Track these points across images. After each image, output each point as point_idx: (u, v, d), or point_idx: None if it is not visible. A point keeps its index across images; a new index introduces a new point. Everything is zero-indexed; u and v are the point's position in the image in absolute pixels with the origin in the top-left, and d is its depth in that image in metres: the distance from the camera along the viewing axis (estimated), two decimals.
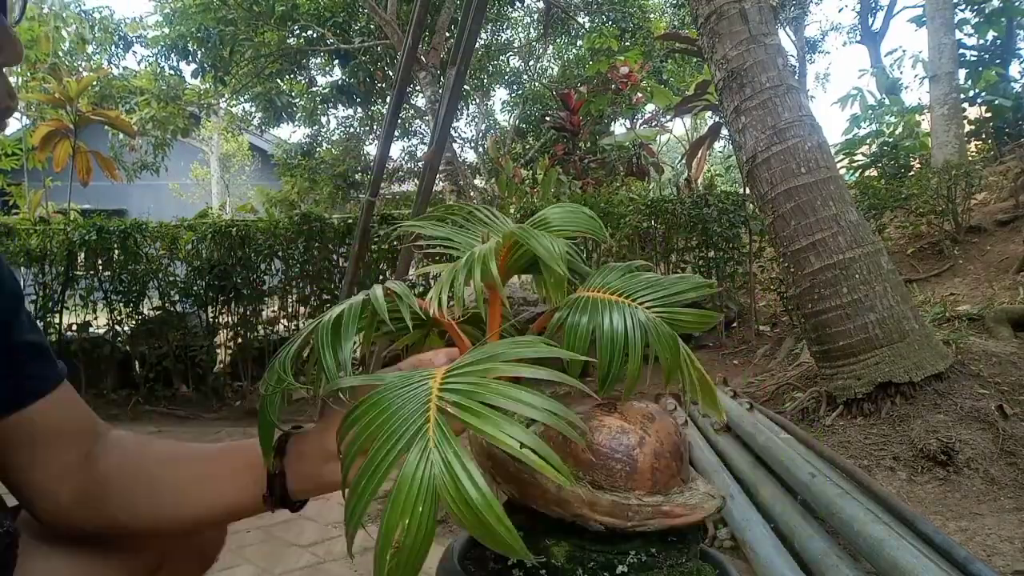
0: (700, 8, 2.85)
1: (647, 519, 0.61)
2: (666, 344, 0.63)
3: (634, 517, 0.61)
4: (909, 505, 1.78)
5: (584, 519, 0.61)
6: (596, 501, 0.61)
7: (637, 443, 0.64)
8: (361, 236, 3.61)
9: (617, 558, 0.62)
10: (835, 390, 2.61)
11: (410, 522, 0.48)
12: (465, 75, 2.83)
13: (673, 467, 0.65)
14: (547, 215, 0.75)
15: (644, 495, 0.63)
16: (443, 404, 0.53)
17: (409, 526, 0.48)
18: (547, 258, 0.61)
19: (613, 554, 0.62)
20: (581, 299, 0.66)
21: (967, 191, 5.16)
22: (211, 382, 4.52)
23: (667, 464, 0.64)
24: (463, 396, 0.54)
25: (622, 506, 0.61)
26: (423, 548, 0.49)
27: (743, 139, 2.77)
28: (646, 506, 0.62)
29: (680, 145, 9.59)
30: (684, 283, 0.67)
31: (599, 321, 0.63)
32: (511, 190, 7.71)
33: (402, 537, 0.48)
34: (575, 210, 0.76)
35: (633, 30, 10.76)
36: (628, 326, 0.62)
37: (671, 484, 0.65)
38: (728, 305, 5.19)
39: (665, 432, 0.66)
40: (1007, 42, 8.78)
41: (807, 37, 16.38)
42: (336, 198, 12.36)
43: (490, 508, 0.48)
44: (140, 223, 4.42)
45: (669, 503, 0.63)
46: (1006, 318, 3.16)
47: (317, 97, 11.92)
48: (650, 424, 0.66)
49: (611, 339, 0.62)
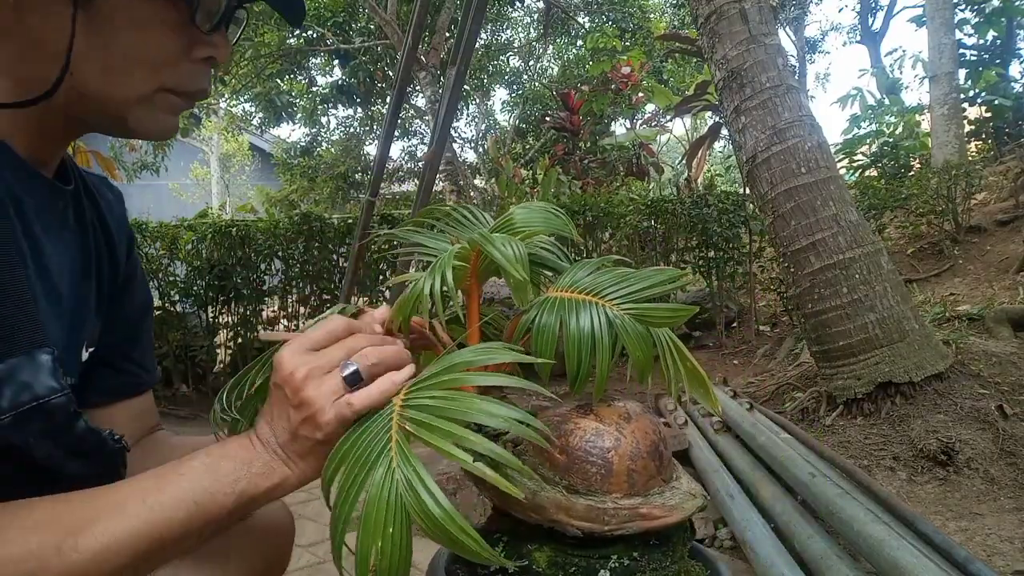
0: (700, 8, 2.85)
1: (625, 522, 0.60)
2: (636, 342, 0.61)
3: (611, 521, 0.60)
4: (909, 505, 1.78)
5: (561, 524, 0.60)
6: (571, 506, 0.60)
7: (612, 445, 0.62)
8: (361, 236, 3.61)
9: (599, 562, 0.61)
10: (835, 390, 2.61)
11: (383, 544, 0.49)
12: (465, 75, 2.83)
13: (651, 467, 0.63)
14: (512, 216, 0.73)
15: (621, 497, 0.61)
16: (403, 423, 0.54)
17: (383, 548, 0.49)
18: (503, 262, 0.60)
19: (595, 559, 0.61)
20: (548, 300, 0.64)
21: (967, 191, 5.16)
22: (211, 382, 4.52)
23: (644, 465, 0.63)
24: (424, 412, 0.54)
25: (597, 510, 0.60)
26: (401, 569, 0.49)
27: (743, 139, 2.77)
28: (623, 509, 0.60)
29: (680, 145, 9.60)
30: (655, 276, 0.65)
31: (566, 321, 0.61)
32: (511, 190, 7.71)
33: (378, 560, 0.49)
34: (541, 209, 0.75)
35: (633, 30, 10.76)
36: (595, 325, 0.61)
37: (650, 485, 0.63)
38: (728, 305, 5.19)
39: (642, 432, 0.64)
40: (1007, 42, 8.78)
41: (807, 37, 16.39)
42: (336, 198, 12.36)
43: (452, 521, 0.49)
44: (140, 223, 4.41)
45: (647, 504, 0.61)
46: (1006, 318, 3.16)
47: (317, 97, 11.92)
48: (626, 424, 0.64)
49: (578, 340, 0.61)
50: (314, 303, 4.72)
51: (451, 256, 0.64)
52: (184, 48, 0.63)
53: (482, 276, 0.70)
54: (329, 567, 1.99)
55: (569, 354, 0.61)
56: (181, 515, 0.54)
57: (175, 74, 0.63)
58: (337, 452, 0.54)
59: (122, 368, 0.79)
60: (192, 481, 0.55)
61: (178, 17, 0.61)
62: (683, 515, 0.62)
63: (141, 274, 0.83)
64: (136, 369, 0.81)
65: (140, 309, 0.82)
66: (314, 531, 2.23)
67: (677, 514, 0.62)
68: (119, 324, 0.78)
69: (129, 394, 0.80)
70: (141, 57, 0.60)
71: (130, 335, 0.80)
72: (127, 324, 0.80)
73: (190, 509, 0.54)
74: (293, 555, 0.90)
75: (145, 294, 0.84)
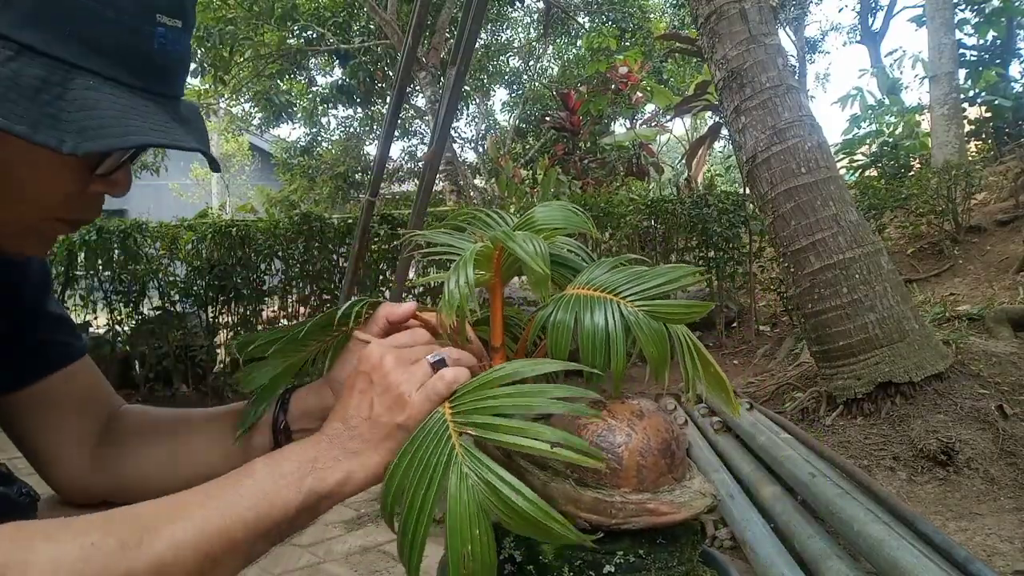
0: (700, 8, 2.85)
1: (631, 516, 0.61)
2: (650, 338, 0.61)
3: (617, 514, 0.61)
4: (909, 505, 1.78)
5: (569, 516, 0.61)
6: (579, 498, 0.61)
7: (623, 441, 0.63)
8: (361, 236, 3.61)
9: (604, 558, 0.62)
10: (835, 390, 2.61)
11: (472, 547, 0.51)
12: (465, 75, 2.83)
13: (662, 465, 0.64)
14: (534, 214, 0.75)
15: (629, 492, 0.62)
16: (461, 429, 0.56)
17: (472, 552, 0.51)
18: (525, 258, 0.61)
19: (601, 553, 0.62)
20: (564, 297, 0.65)
21: (967, 191, 5.16)
22: (211, 382, 4.52)
23: (655, 461, 0.63)
24: (476, 414, 0.56)
25: (605, 503, 0.61)
26: (489, 565, 0.52)
27: (743, 139, 2.77)
28: (630, 503, 0.61)
29: (680, 145, 9.60)
30: (669, 274, 0.65)
31: (580, 319, 0.62)
32: (511, 190, 7.71)
33: (469, 562, 0.51)
34: (560, 207, 0.76)
35: (633, 30, 10.77)
36: (609, 322, 0.62)
37: (660, 482, 0.63)
38: (728, 305, 5.19)
39: (654, 429, 0.65)
40: (1007, 42, 8.78)
41: (807, 37, 16.40)
42: (336, 198, 12.37)
43: (538, 508, 0.51)
44: (140, 223, 4.41)
45: (655, 500, 0.62)
46: (1006, 318, 3.16)
47: (317, 97, 11.92)
48: (638, 421, 0.65)
49: (592, 336, 0.61)
50: (314, 303, 4.72)
51: (472, 254, 0.64)
52: (81, 186, 0.59)
53: (505, 275, 0.71)
54: (329, 567, 1.99)
55: (584, 351, 0.62)
56: (249, 516, 0.54)
57: (68, 207, 0.60)
58: (393, 477, 0.55)
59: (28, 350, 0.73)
60: (257, 482, 0.55)
61: (78, 162, 0.57)
62: (691, 513, 0.62)
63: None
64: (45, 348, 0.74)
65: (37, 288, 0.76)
66: (314, 532, 2.23)
67: (685, 512, 0.62)
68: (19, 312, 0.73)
69: (43, 373, 0.73)
70: (31, 194, 0.57)
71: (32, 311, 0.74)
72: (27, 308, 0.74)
73: (258, 510, 0.54)
74: (293, 555, 0.90)
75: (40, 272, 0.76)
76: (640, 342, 0.61)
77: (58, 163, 0.56)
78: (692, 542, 0.66)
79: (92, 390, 0.79)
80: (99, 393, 0.80)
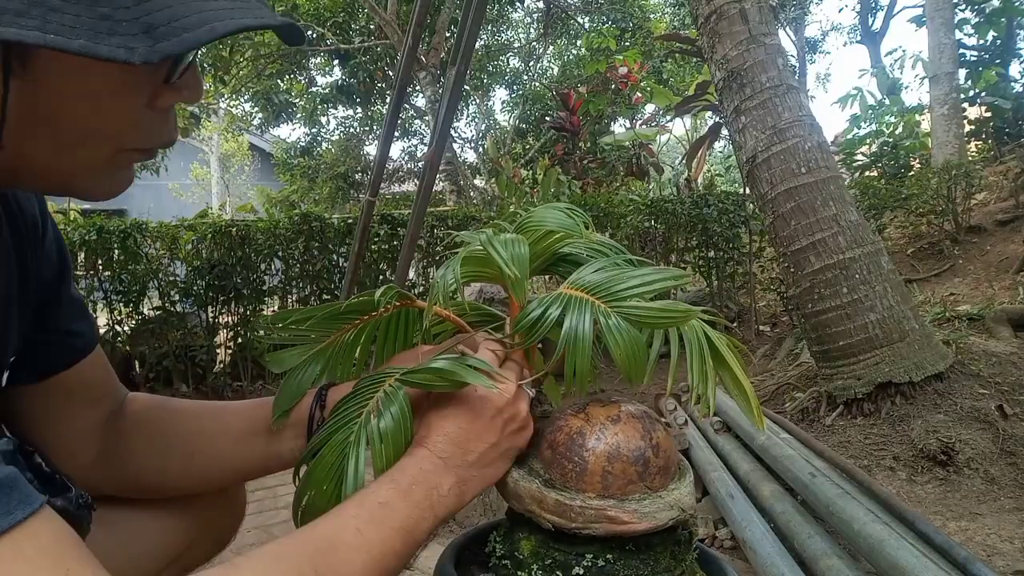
0: (700, 8, 2.85)
1: (590, 522, 0.61)
2: (619, 341, 0.59)
3: (576, 519, 0.61)
4: (909, 505, 1.78)
5: (535, 515, 0.63)
6: (543, 499, 0.62)
7: (592, 445, 0.63)
8: (361, 236, 3.60)
9: (574, 559, 0.62)
10: (835, 390, 2.61)
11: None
12: (465, 75, 2.83)
13: (631, 472, 0.62)
14: (531, 216, 0.77)
15: (592, 498, 0.61)
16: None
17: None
18: (499, 261, 0.62)
19: (571, 554, 0.62)
20: (560, 296, 0.65)
21: (967, 191, 5.16)
22: (211, 382, 4.51)
23: (623, 469, 0.62)
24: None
25: (565, 506, 0.61)
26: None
27: (743, 139, 2.77)
28: (589, 509, 0.61)
29: (680, 145, 9.59)
30: (652, 275, 0.64)
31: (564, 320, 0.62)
32: (511, 190, 7.71)
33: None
34: (555, 208, 0.78)
35: (633, 30, 10.76)
36: (578, 324, 0.61)
37: (629, 490, 0.62)
38: (728, 305, 5.19)
39: (626, 436, 0.64)
40: (1007, 42, 8.78)
41: (807, 37, 16.39)
42: (336, 198, 12.36)
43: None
44: (140, 223, 4.41)
45: (617, 508, 0.61)
46: (1006, 318, 3.16)
47: (317, 97, 11.92)
48: (611, 426, 0.64)
49: (566, 338, 0.61)
50: (314, 303, 4.72)
51: (463, 254, 0.66)
52: (146, 103, 0.51)
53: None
54: None
55: (565, 352, 0.62)
56: (398, 546, 0.55)
57: (136, 134, 0.52)
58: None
59: (48, 340, 0.68)
60: (399, 512, 0.57)
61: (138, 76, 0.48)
62: (652, 525, 0.61)
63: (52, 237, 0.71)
64: (62, 338, 0.70)
65: (56, 275, 0.71)
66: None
67: (647, 523, 0.61)
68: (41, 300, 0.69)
69: (60, 367, 0.69)
70: (95, 128, 0.49)
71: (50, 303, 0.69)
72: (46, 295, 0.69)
73: (406, 539, 0.56)
74: None
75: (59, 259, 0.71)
76: (608, 344, 0.60)
77: (117, 79, 0.46)
78: (672, 552, 0.65)
79: (100, 381, 0.75)
80: (106, 383, 0.77)
